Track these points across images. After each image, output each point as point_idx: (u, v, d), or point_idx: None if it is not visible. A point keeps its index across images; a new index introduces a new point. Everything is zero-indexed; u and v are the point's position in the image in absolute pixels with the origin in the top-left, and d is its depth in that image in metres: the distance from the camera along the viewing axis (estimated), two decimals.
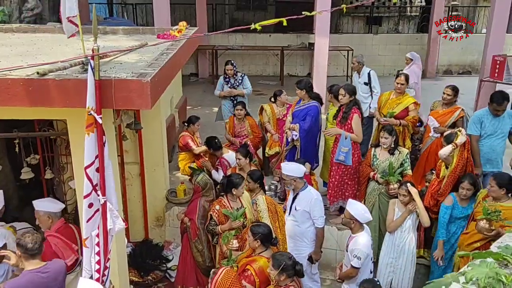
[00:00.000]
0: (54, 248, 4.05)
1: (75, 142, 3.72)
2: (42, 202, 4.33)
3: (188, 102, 9.37)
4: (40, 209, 4.23)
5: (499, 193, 4.46)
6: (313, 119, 6.00)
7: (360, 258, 4.20)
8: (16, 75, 3.20)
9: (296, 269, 3.74)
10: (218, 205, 4.85)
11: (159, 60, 3.88)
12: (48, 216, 4.20)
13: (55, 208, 4.28)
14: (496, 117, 5.40)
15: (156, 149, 6.11)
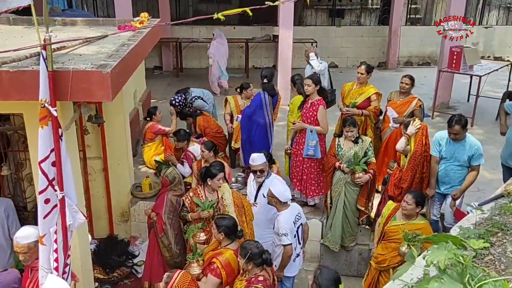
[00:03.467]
0: None
1: (32, 137, 3.59)
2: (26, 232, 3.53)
3: (153, 95, 9.23)
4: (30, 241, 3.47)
5: (414, 211, 4.41)
6: (254, 107, 6.22)
7: (287, 234, 4.35)
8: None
9: (263, 258, 3.75)
10: (192, 193, 4.81)
11: (120, 51, 3.79)
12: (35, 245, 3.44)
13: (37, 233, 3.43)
14: (454, 141, 5.06)
15: (120, 143, 5.98)
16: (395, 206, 4.65)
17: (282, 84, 9.28)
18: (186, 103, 7.32)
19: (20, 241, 3.47)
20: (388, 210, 4.69)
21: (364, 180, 5.30)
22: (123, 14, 8.26)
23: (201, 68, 12.76)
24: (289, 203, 4.52)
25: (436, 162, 5.17)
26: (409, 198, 4.39)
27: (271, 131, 6.34)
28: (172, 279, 3.42)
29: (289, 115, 6.50)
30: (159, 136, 6.85)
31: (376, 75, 9.71)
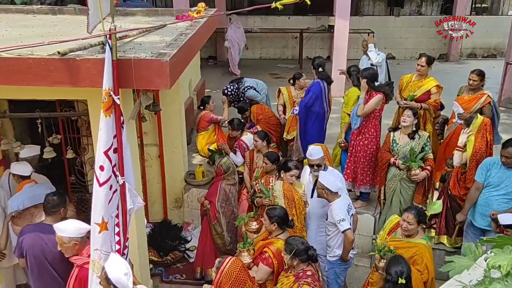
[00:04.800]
0: None
1: (95, 122, 3.74)
2: (65, 226, 3.54)
3: (206, 85, 9.36)
4: (65, 235, 3.50)
5: (415, 230, 4.05)
6: (313, 95, 6.13)
7: (344, 219, 4.27)
8: (37, 55, 3.22)
9: (309, 254, 3.73)
10: (263, 179, 4.87)
11: (178, 40, 3.86)
12: (75, 242, 3.51)
13: (81, 232, 3.54)
14: (506, 166, 4.47)
15: (175, 131, 6.14)
16: (398, 221, 4.25)
17: (336, 75, 9.12)
18: (238, 92, 7.36)
19: (56, 231, 3.52)
20: (391, 224, 4.38)
21: (420, 177, 5.12)
22: (180, 4, 8.43)
23: (254, 59, 12.80)
24: (340, 193, 4.45)
25: (478, 189, 4.63)
26: (410, 218, 4.00)
27: (327, 122, 6.28)
28: (223, 265, 3.47)
29: (343, 107, 6.38)
30: (212, 125, 6.95)
31: (437, 68, 9.29)
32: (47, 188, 4.68)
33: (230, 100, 7.28)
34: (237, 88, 7.32)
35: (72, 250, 3.53)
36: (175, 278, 5.51)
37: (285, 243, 3.76)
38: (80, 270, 3.50)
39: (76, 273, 3.52)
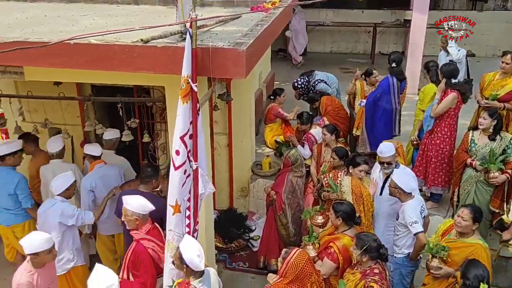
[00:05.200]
0: (152, 252, 3.81)
1: (172, 109, 3.87)
2: (132, 200, 3.84)
3: (276, 77, 9.38)
4: (129, 208, 3.80)
5: (469, 228, 3.85)
6: (380, 90, 6.04)
7: (417, 222, 4.12)
8: (122, 42, 3.38)
9: (380, 252, 3.64)
10: (332, 173, 4.85)
11: (254, 31, 3.89)
12: (137, 217, 3.80)
13: (146, 209, 3.84)
14: None
15: (244, 121, 6.22)
16: (452, 223, 4.02)
17: (410, 71, 8.80)
18: (309, 86, 7.31)
19: (124, 203, 3.83)
20: (445, 226, 4.16)
21: (500, 180, 4.82)
22: None
23: (325, 52, 12.62)
24: (414, 194, 4.30)
25: None
26: (466, 213, 3.79)
27: (397, 118, 6.08)
28: (289, 255, 3.48)
29: (418, 103, 6.16)
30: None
31: None
32: (115, 169, 4.99)
33: (300, 93, 7.25)
34: (308, 81, 7.27)
35: (133, 224, 3.82)
36: (238, 265, 5.61)
37: (357, 238, 3.70)
38: (137, 245, 3.78)
39: (133, 247, 3.80)
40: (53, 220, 4.31)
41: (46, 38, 3.49)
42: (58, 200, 4.37)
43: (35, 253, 3.49)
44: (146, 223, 3.87)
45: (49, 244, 3.52)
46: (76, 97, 5.53)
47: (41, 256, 3.51)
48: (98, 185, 4.88)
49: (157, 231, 4.00)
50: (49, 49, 3.39)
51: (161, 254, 3.85)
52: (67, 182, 4.42)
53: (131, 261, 3.79)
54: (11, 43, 3.41)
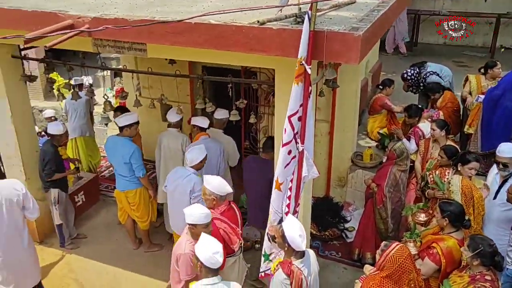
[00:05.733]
0: (223, 233, 3.90)
1: (281, 91, 3.93)
2: (212, 179, 3.99)
3: (383, 67, 9.05)
4: (208, 187, 3.97)
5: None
6: (502, 86, 5.58)
7: None
8: (239, 23, 3.48)
9: (495, 260, 3.36)
10: (438, 171, 4.65)
11: (370, 16, 3.77)
12: (214, 198, 3.96)
13: (223, 191, 3.98)
14: None
15: (348, 110, 6.10)
16: None
17: None
18: (419, 78, 6.96)
19: (204, 182, 4.00)
20: None
21: None
22: None
23: (438, 44, 11.89)
24: None
25: None
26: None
27: None
28: (389, 249, 3.37)
29: None
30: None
31: None
32: (218, 145, 5.23)
33: (408, 84, 6.93)
34: (418, 72, 6.92)
35: (210, 203, 3.98)
36: (331, 254, 5.58)
37: (470, 239, 3.46)
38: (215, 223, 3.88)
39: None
40: (184, 190, 4.54)
41: (169, 17, 3.71)
42: (192, 173, 4.58)
43: (193, 224, 3.61)
44: (223, 204, 4.00)
45: (207, 219, 3.61)
46: (191, 75, 5.83)
47: (198, 228, 3.59)
48: None
49: (233, 212, 4.09)
50: (172, 27, 3.63)
51: (232, 236, 3.97)
52: (201, 155, 4.66)
53: None
54: (138, 21, 3.69)
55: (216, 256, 3.13)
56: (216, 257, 3.13)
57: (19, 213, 4.24)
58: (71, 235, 5.89)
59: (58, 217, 5.62)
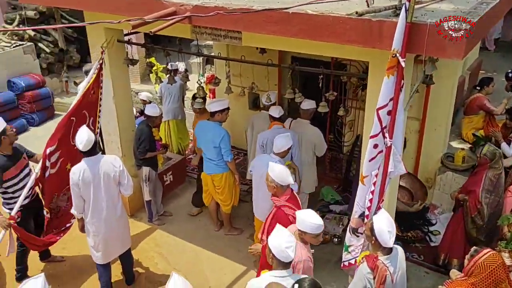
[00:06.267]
0: (291, 219, 3.90)
1: (373, 84, 3.85)
2: (276, 167, 4.06)
3: (483, 65, 8.46)
4: (271, 175, 4.03)
5: None
6: None
7: None
8: (337, 13, 3.45)
9: None
10: None
11: (479, 9, 3.55)
12: (275, 186, 4.02)
13: (284, 180, 4.01)
14: None
15: (442, 109, 5.81)
16: None
17: None
18: None
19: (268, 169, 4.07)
20: None
21: None
22: None
23: None
24: None
25: None
26: None
27: None
28: (479, 254, 3.19)
29: None
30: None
31: None
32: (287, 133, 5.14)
33: None
34: None
35: (271, 190, 4.08)
36: (412, 256, 5.38)
37: None
38: (277, 211, 4.00)
39: (273, 212, 4.05)
40: None
41: (266, 7, 3.77)
42: (277, 160, 4.66)
43: (303, 232, 3.49)
44: (284, 194, 4.04)
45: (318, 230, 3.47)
46: (283, 65, 5.88)
47: (307, 236, 3.50)
48: (268, 144, 5.28)
49: (295, 200, 4.12)
50: (269, 17, 3.69)
51: None
52: (287, 144, 4.77)
53: (271, 225, 3.90)
54: (237, 9, 3.79)
55: (288, 251, 3.13)
56: (288, 252, 3.13)
57: (115, 187, 4.57)
58: (158, 212, 6.25)
59: (147, 194, 5.99)
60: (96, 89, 5.23)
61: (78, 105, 4.99)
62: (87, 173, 4.39)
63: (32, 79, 9.27)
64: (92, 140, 4.37)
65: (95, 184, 4.43)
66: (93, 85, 5.14)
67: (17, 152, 4.82)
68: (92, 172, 4.40)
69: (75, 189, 4.43)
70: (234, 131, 6.27)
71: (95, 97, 5.25)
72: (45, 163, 4.71)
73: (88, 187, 4.42)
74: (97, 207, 4.53)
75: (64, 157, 4.89)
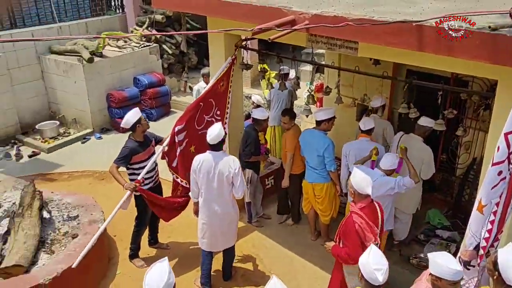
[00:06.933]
0: (358, 228, 3.85)
1: (500, 105, 3.55)
2: (358, 173, 3.94)
3: None
4: (352, 181, 3.95)
5: None
6: None
7: None
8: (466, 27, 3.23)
9: None
10: None
11: None
12: (353, 192, 3.94)
13: (362, 190, 3.87)
14: None
15: None
16: None
17: None
18: None
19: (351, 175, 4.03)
20: None
21: None
22: None
23: None
24: None
25: None
26: None
27: None
28: None
29: None
30: None
31: None
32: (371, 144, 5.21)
33: None
34: None
35: (350, 195, 4.06)
36: None
37: None
38: (349, 216, 3.95)
39: (347, 217, 4.01)
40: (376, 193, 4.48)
41: (388, 17, 3.66)
42: (380, 175, 4.64)
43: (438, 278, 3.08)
44: (363, 200, 3.93)
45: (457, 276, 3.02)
46: (401, 79, 5.66)
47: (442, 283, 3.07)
48: (351, 154, 5.33)
49: (373, 210, 3.99)
50: (390, 28, 3.58)
51: (367, 233, 3.86)
52: (394, 164, 4.77)
53: (342, 230, 4.01)
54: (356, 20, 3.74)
55: (377, 273, 3.01)
56: (376, 274, 3.01)
57: (228, 186, 4.77)
58: (257, 214, 6.39)
59: (248, 195, 6.15)
60: (225, 83, 5.66)
61: (206, 93, 5.49)
62: (205, 165, 4.72)
63: (154, 77, 10.06)
64: (220, 136, 4.69)
65: (209, 178, 4.73)
66: (222, 77, 5.56)
67: (147, 140, 5.30)
68: (209, 165, 4.71)
69: (193, 175, 4.82)
70: (339, 141, 6.16)
71: (224, 90, 5.68)
72: (174, 139, 5.26)
73: (204, 177, 4.75)
74: (208, 198, 4.83)
75: (189, 138, 5.40)
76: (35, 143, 8.92)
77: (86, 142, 9.16)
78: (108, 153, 7.84)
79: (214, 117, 5.67)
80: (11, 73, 9.04)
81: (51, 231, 5.35)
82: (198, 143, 5.38)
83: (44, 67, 9.57)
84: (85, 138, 9.24)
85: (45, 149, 8.72)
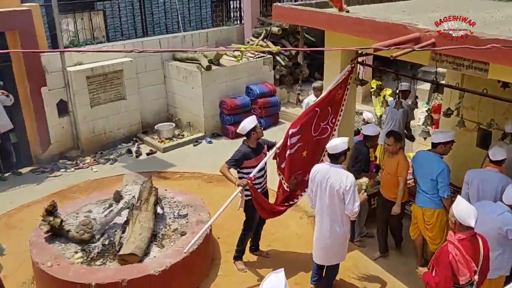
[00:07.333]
0: (451, 258, 3.65)
1: None
2: (461, 204, 3.74)
3: None
4: (453, 209, 3.74)
5: None
6: None
7: None
8: None
9: None
10: None
11: None
12: (453, 221, 3.73)
13: (464, 221, 3.65)
14: None
15: None
16: None
17: None
18: None
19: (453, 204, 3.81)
20: None
21: None
22: None
23: None
24: None
25: None
26: None
27: None
28: None
29: None
30: None
31: None
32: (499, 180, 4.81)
33: None
34: None
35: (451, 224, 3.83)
36: None
37: None
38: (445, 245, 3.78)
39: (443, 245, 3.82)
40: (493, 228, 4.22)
41: None
42: (506, 210, 4.25)
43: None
44: (463, 233, 3.70)
45: None
46: None
47: None
48: (473, 183, 4.99)
49: (475, 245, 3.71)
50: None
51: (462, 267, 3.65)
52: None
53: (435, 257, 3.85)
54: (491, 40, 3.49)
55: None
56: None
57: (339, 201, 4.73)
58: (361, 233, 6.21)
59: None
60: (342, 91, 5.67)
61: (323, 99, 5.55)
62: (319, 175, 4.81)
63: (265, 87, 10.33)
64: (337, 149, 4.70)
65: (322, 189, 4.80)
66: (340, 84, 5.59)
67: (260, 147, 5.49)
68: (323, 177, 4.78)
69: (310, 183, 4.95)
70: (455, 166, 5.77)
71: (340, 97, 5.69)
72: (287, 141, 5.37)
73: (317, 188, 4.84)
74: (320, 209, 4.89)
75: (302, 142, 5.47)
76: (153, 142, 9.66)
77: (197, 145, 9.69)
78: (216, 158, 8.22)
79: (329, 124, 5.69)
80: (139, 77, 9.91)
81: (163, 226, 5.73)
82: (311, 149, 5.48)
83: (167, 73, 10.34)
84: (197, 141, 9.79)
85: (161, 149, 9.41)
